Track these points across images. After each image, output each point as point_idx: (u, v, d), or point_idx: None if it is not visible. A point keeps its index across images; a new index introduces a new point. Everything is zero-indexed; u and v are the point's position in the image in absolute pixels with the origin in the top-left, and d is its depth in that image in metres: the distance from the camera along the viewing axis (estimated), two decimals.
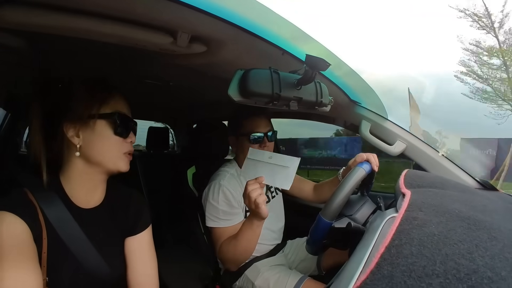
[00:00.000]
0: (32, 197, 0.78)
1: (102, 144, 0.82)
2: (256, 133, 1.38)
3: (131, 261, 0.91)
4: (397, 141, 1.40)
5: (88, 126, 0.81)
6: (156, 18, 0.80)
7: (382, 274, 0.49)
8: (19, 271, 0.66)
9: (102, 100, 0.83)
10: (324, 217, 0.90)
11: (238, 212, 1.34)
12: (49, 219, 0.77)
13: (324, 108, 1.03)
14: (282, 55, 0.98)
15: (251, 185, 1.02)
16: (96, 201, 0.89)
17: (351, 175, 0.97)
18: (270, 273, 1.37)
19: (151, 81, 1.57)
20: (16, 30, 0.84)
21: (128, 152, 0.87)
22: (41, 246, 0.74)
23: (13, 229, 0.70)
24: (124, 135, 0.85)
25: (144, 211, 0.97)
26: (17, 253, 0.67)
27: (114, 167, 0.85)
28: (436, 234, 0.56)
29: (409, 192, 0.78)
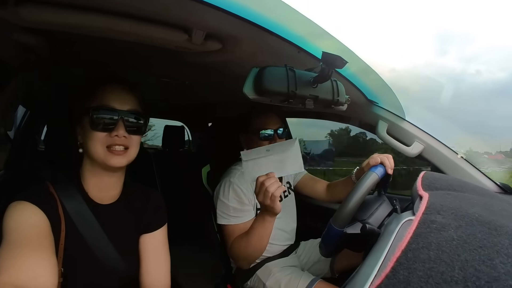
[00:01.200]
0: (53, 190, 0.80)
1: (88, 141, 0.82)
2: (266, 130, 1.38)
3: (145, 258, 0.92)
4: (415, 142, 1.36)
5: (82, 123, 0.83)
6: (171, 15, 0.80)
7: (398, 279, 0.48)
8: (36, 260, 0.67)
9: (89, 96, 0.83)
10: (335, 225, 0.88)
11: (248, 209, 1.34)
12: (68, 211, 0.79)
13: (340, 107, 1.02)
14: (298, 53, 0.97)
15: (267, 180, 1.00)
16: (112, 198, 0.90)
17: (363, 181, 0.95)
18: (282, 274, 1.36)
19: (166, 79, 1.58)
20: (36, 29, 0.85)
21: (112, 145, 0.82)
22: (59, 238, 0.76)
23: (32, 219, 0.72)
24: (105, 129, 0.81)
25: (160, 210, 0.98)
26: (34, 241, 0.69)
27: (102, 162, 0.81)
28: (455, 239, 0.53)
29: (427, 194, 0.75)
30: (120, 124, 0.81)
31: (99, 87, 0.84)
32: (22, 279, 0.63)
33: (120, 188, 0.93)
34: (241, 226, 1.29)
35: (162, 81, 1.61)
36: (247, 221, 1.31)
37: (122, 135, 0.82)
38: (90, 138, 0.81)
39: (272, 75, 0.84)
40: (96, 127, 0.80)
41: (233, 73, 1.13)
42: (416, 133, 1.37)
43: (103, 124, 0.80)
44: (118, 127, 0.81)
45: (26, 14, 0.74)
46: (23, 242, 0.68)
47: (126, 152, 0.84)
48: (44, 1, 0.74)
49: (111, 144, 0.81)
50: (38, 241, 0.70)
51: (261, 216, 1.10)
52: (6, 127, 1.26)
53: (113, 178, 0.89)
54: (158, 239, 0.95)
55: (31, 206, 0.73)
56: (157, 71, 1.47)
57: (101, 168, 0.85)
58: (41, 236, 0.71)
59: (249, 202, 1.34)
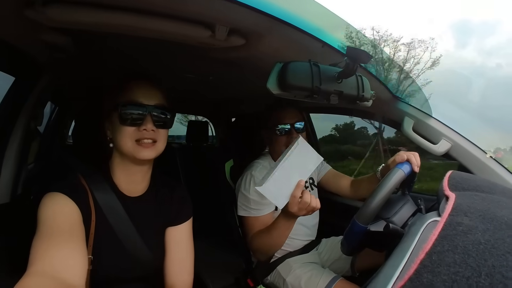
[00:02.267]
0: (85, 182, 0.84)
1: (117, 135, 0.85)
2: (282, 125, 1.38)
3: (170, 250, 0.95)
4: (442, 140, 1.32)
5: (111, 118, 0.86)
6: (194, 11, 0.81)
7: (421, 282, 0.47)
8: (67, 250, 0.70)
9: (116, 92, 0.86)
10: (359, 221, 0.87)
11: (268, 203, 1.34)
12: (98, 203, 0.83)
13: (365, 103, 1.00)
14: (322, 47, 0.96)
15: (305, 194, 1.02)
16: (140, 190, 0.93)
17: (388, 178, 0.92)
18: (302, 270, 1.36)
19: (190, 75, 1.59)
20: (63, 28, 0.88)
21: (141, 139, 0.84)
22: (89, 227, 0.80)
23: (64, 210, 0.76)
24: (134, 124, 0.84)
25: (186, 203, 1.01)
26: (66, 232, 0.72)
27: (132, 155, 0.85)
28: (482, 243, 0.51)
29: (454, 195, 0.72)
30: (148, 119, 0.85)
31: (126, 83, 0.87)
32: (55, 268, 0.65)
33: (148, 181, 0.96)
34: (260, 218, 1.31)
35: (186, 76, 1.63)
36: (266, 214, 1.33)
37: (150, 129, 0.85)
38: (119, 133, 0.84)
39: (296, 70, 0.83)
40: (125, 122, 0.83)
41: (257, 68, 1.13)
42: (443, 131, 1.32)
43: (131, 119, 0.84)
44: (146, 121, 0.84)
45: (54, 15, 0.76)
46: (56, 232, 0.71)
47: (154, 145, 0.87)
48: (70, 1, 0.76)
49: (140, 138, 0.84)
50: (70, 232, 0.73)
51: (285, 216, 1.10)
52: (36, 123, 1.30)
53: (141, 172, 0.92)
54: (183, 232, 0.98)
55: (63, 198, 0.77)
56: (181, 67, 1.48)
57: (130, 162, 0.88)
58: (72, 227, 0.75)
59: None
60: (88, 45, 1.08)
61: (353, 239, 0.89)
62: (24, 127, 1.18)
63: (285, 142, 1.38)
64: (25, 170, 1.28)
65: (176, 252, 0.95)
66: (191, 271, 0.97)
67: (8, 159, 1.13)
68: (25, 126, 1.19)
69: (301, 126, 1.41)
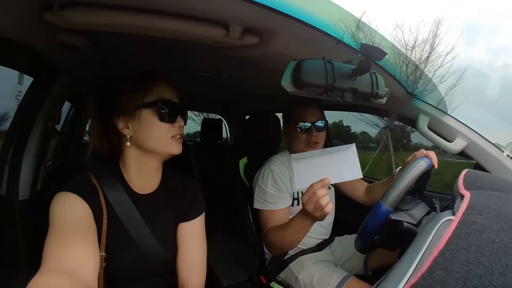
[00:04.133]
0: (95, 180, 0.85)
1: (150, 132, 0.86)
2: (303, 123, 1.38)
3: (183, 246, 0.95)
4: (457, 138, 1.31)
5: (135, 116, 0.85)
6: (208, 11, 0.82)
7: (434, 279, 0.46)
8: (78, 248, 0.71)
9: (145, 90, 0.86)
10: (384, 203, 0.87)
11: (285, 197, 1.35)
12: (110, 201, 0.84)
13: (380, 100, 0.99)
14: (335, 44, 0.95)
15: (321, 190, 0.96)
16: (152, 187, 0.94)
17: (412, 165, 0.94)
18: (315, 268, 1.36)
19: (205, 73, 1.61)
20: (80, 30, 0.90)
21: (176, 135, 0.88)
22: (101, 225, 0.81)
23: (75, 209, 0.77)
24: (171, 120, 0.87)
25: (198, 199, 1.01)
26: (77, 231, 0.74)
27: (165, 151, 0.88)
28: (496, 242, 0.51)
29: (469, 194, 0.72)
30: (179, 115, 0.88)
31: (152, 82, 0.88)
32: (67, 265, 0.67)
33: (159, 178, 0.96)
34: (276, 212, 1.32)
35: (201, 75, 1.65)
36: (282, 208, 1.33)
37: (182, 125, 0.89)
38: (155, 130, 0.86)
39: (310, 68, 0.83)
40: (164, 118, 0.85)
41: (271, 66, 1.14)
42: (459, 128, 1.31)
43: (169, 115, 0.86)
44: (179, 118, 0.89)
45: (71, 17, 0.79)
46: (67, 231, 0.73)
47: (182, 139, 0.91)
48: (87, 4, 0.78)
49: (175, 134, 0.88)
50: (81, 231, 0.75)
51: (303, 217, 1.08)
52: (54, 121, 1.34)
53: (154, 169, 0.93)
54: (195, 228, 0.98)
55: (74, 197, 0.78)
56: (195, 66, 1.50)
57: (151, 159, 0.90)
58: (83, 226, 0.76)
59: (287, 190, 1.36)
60: (104, 45, 1.10)
61: (374, 223, 0.88)
62: (42, 126, 1.22)
63: (305, 139, 1.39)
64: (44, 167, 1.32)
65: (188, 248, 0.96)
66: (204, 267, 0.98)
67: (27, 157, 1.17)
68: (44, 125, 1.23)
69: (322, 125, 1.41)
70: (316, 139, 1.39)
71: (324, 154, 1.03)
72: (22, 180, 1.15)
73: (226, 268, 1.34)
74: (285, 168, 1.40)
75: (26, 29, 0.84)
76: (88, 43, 1.03)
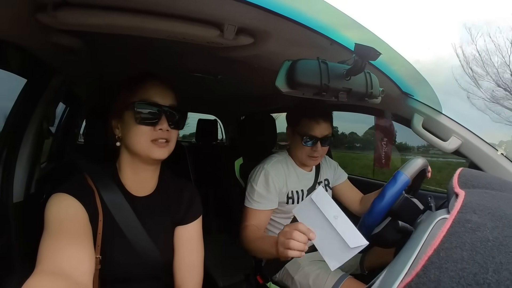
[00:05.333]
0: (91, 182, 0.85)
1: (130, 134, 0.85)
2: (310, 137, 1.36)
3: (180, 250, 0.95)
4: (452, 137, 1.31)
5: (123, 117, 0.86)
6: (202, 11, 0.82)
7: (429, 278, 0.47)
8: (74, 249, 0.71)
9: (130, 91, 0.85)
10: (404, 171, 0.92)
11: (272, 199, 1.36)
12: (105, 202, 0.83)
13: (374, 100, 1.00)
14: (330, 45, 0.96)
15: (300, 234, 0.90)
16: (148, 190, 0.94)
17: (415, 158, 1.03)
18: (311, 268, 1.36)
19: (199, 74, 1.60)
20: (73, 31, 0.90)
21: (157, 139, 0.85)
22: (97, 227, 0.81)
23: (70, 210, 0.77)
24: (151, 123, 0.84)
25: (195, 202, 1.00)
26: (72, 232, 0.73)
27: (145, 155, 0.85)
28: (490, 240, 0.51)
29: (463, 192, 0.72)
30: (163, 119, 0.85)
31: (141, 83, 0.87)
32: (61, 266, 0.66)
33: (156, 181, 0.96)
34: (258, 212, 1.33)
35: (195, 76, 1.64)
36: (266, 209, 1.34)
37: (165, 129, 0.85)
38: (134, 132, 0.84)
39: (305, 68, 0.84)
40: (141, 121, 0.83)
41: (265, 67, 1.14)
42: (453, 128, 1.32)
43: (148, 118, 0.84)
44: (161, 121, 0.85)
45: (65, 18, 0.78)
46: (62, 233, 0.72)
47: (167, 145, 0.88)
48: (80, 4, 0.77)
49: (155, 137, 0.85)
50: (76, 232, 0.74)
51: (271, 244, 1.04)
52: (48, 123, 1.33)
53: (150, 171, 0.93)
54: (192, 232, 0.98)
55: (69, 198, 0.78)
56: (190, 66, 1.50)
57: (141, 161, 0.88)
58: (79, 227, 0.76)
59: (277, 191, 1.36)
60: (98, 46, 1.09)
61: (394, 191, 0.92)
62: (36, 128, 1.21)
63: (309, 152, 1.38)
64: (38, 169, 1.31)
65: (185, 252, 0.95)
66: (201, 270, 0.97)
67: (21, 159, 1.16)
68: (38, 126, 1.22)
69: (327, 140, 1.39)
70: (319, 153, 1.38)
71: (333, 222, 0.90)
72: (16, 182, 1.14)
73: (222, 268, 1.34)
74: (281, 166, 1.41)
75: (18, 30, 0.83)
76: (82, 44, 1.02)
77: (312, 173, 1.51)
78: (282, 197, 1.39)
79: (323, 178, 1.55)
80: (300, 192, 1.44)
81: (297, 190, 1.42)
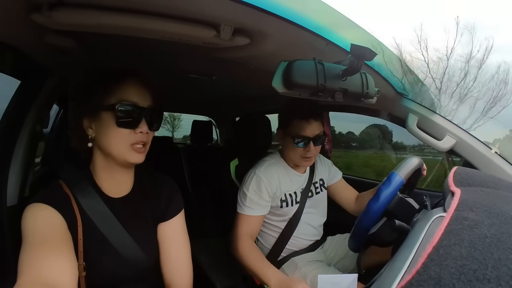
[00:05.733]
0: (67, 188, 0.83)
1: (107, 136, 0.81)
2: (302, 138, 1.35)
3: (165, 247, 0.93)
4: (446, 136, 1.33)
5: (98, 117, 0.81)
6: (199, 12, 0.81)
7: (429, 275, 0.47)
8: (54, 259, 0.69)
9: (107, 91, 0.81)
10: (398, 172, 0.93)
11: (264, 205, 1.34)
12: (83, 207, 0.81)
13: (370, 100, 1.01)
14: (326, 45, 0.96)
15: None
16: (125, 190, 0.91)
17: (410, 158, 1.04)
18: (308, 269, 1.36)
19: (194, 75, 1.60)
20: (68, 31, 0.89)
21: (136, 143, 0.81)
22: (76, 233, 0.79)
23: (47, 220, 0.75)
24: (131, 126, 0.80)
25: (175, 196, 0.98)
26: (51, 242, 0.72)
27: (122, 159, 0.82)
28: (488, 237, 0.52)
29: (459, 190, 0.73)
30: (143, 121, 0.82)
31: (119, 82, 0.82)
32: (43, 277, 0.65)
33: (132, 180, 0.93)
34: (250, 218, 1.32)
35: (190, 77, 1.64)
36: (257, 215, 1.33)
37: (145, 132, 0.82)
38: (112, 135, 0.80)
39: (301, 69, 0.84)
40: (121, 124, 0.79)
41: (261, 67, 1.14)
42: (447, 127, 1.33)
43: (128, 121, 0.80)
44: (142, 124, 0.82)
45: (59, 18, 0.77)
46: (41, 243, 0.70)
47: (144, 148, 0.85)
48: (76, 4, 0.77)
49: (135, 141, 0.81)
50: (55, 241, 0.73)
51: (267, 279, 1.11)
52: (42, 125, 1.31)
53: (126, 173, 0.90)
54: (175, 227, 0.95)
55: (45, 207, 0.76)
56: (185, 67, 1.49)
57: (115, 164, 0.85)
58: (57, 236, 0.74)
59: (270, 196, 1.35)
60: (93, 47, 1.08)
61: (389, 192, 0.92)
62: (30, 130, 1.19)
63: (301, 153, 1.37)
64: (32, 172, 1.29)
65: (170, 248, 0.93)
66: (189, 265, 0.95)
67: (15, 162, 1.14)
68: (32, 129, 1.20)
69: (320, 139, 1.39)
70: (312, 153, 1.37)
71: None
72: (10, 186, 1.12)
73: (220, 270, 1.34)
74: (273, 170, 1.39)
75: (12, 30, 0.82)
76: (77, 45, 1.01)
77: (306, 174, 1.50)
78: (276, 201, 1.38)
79: (318, 178, 1.55)
80: (294, 195, 1.42)
81: (290, 193, 1.41)
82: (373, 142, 8.48)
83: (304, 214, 1.44)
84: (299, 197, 1.43)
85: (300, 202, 1.43)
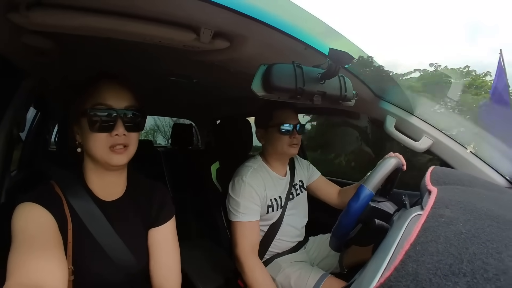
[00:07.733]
0: (59, 189, 0.81)
1: (88, 141, 0.81)
2: (286, 125, 1.39)
3: (155, 253, 0.93)
4: (423, 137, 1.36)
5: (80, 123, 0.82)
6: (179, 15, 0.81)
7: (407, 271, 0.48)
8: (44, 260, 0.68)
9: (83, 96, 0.82)
10: (367, 186, 0.91)
11: (257, 209, 1.35)
12: (74, 209, 0.80)
13: (348, 102, 1.02)
14: (305, 49, 0.97)
15: None
16: (117, 194, 0.91)
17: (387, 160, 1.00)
18: (292, 269, 1.37)
19: (174, 78, 1.59)
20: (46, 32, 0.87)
21: (114, 145, 0.81)
22: (66, 236, 0.78)
23: (38, 219, 0.74)
24: (105, 130, 0.80)
25: (167, 203, 0.98)
26: (42, 242, 0.70)
27: (105, 161, 0.82)
28: (463, 232, 0.53)
29: (436, 189, 0.75)
30: (119, 123, 0.81)
31: (93, 85, 0.82)
32: (32, 278, 0.64)
33: (124, 184, 0.93)
34: (248, 224, 1.31)
35: (170, 80, 1.63)
36: (253, 220, 1.33)
37: (122, 134, 0.81)
38: (90, 139, 0.80)
39: (280, 72, 0.85)
40: (95, 128, 0.79)
41: (241, 71, 1.14)
42: (424, 128, 1.36)
43: (102, 125, 0.80)
44: (117, 126, 0.81)
45: (37, 18, 0.75)
46: (31, 243, 0.69)
47: (126, 150, 0.84)
48: (53, 4, 0.75)
49: (113, 143, 0.81)
50: (45, 242, 0.71)
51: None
52: (18, 129, 1.28)
53: (115, 176, 0.90)
54: (166, 233, 0.95)
55: (36, 207, 0.75)
56: (165, 70, 1.48)
57: (102, 167, 0.85)
58: (48, 237, 0.73)
59: (260, 200, 1.36)
60: (71, 49, 1.06)
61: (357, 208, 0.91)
62: (6, 134, 1.16)
63: (288, 141, 1.40)
64: (8, 177, 1.26)
65: (160, 254, 0.93)
66: (178, 272, 0.95)
67: None
68: (8, 132, 1.17)
69: (301, 128, 1.44)
70: (297, 140, 1.41)
71: None
72: None
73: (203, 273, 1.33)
74: (259, 176, 1.40)
75: None
76: (55, 46, 0.99)
77: (287, 178, 1.52)
78: (264, 207, 1.39)
79: (298, 179, 1.57)
80: (278, 199, 1.44)
81: (275, 198, 1.43)
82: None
83: (286, 217, 1.45)
84: (283, 202, 1.45)
85: (283, 205, 1.45)
